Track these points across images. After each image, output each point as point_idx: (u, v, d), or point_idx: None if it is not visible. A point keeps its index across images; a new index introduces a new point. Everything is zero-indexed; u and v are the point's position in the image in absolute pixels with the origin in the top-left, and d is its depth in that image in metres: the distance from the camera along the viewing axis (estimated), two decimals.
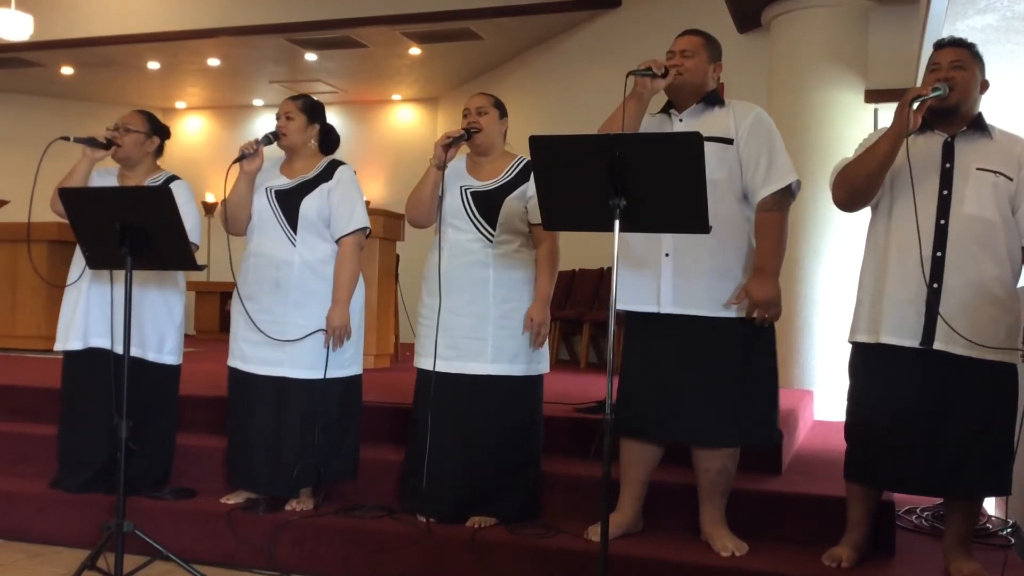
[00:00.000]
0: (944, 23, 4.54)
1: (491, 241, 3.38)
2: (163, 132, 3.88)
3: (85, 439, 3.71)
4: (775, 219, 3.05)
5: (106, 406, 3.47)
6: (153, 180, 3.78)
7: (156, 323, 3.70)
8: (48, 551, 3.55)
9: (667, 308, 3.05)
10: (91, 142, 3.63)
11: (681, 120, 3.14)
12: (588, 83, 8.84)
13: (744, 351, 3.05)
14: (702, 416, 3.04)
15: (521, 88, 9.98)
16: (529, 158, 3.39)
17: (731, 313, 3.03)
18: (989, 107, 3.05)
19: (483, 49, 9.88)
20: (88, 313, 3.66)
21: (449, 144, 3.32)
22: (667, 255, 3.05)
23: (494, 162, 3.48)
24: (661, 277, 3.05)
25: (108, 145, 3.68)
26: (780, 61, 6.40)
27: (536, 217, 3.36)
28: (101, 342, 3.64)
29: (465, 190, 3.42)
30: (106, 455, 3.62)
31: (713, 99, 3.14)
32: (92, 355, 3.66)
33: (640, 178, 2.55)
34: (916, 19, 5.55)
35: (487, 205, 3.39)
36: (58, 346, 3.73)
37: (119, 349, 3.54)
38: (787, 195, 3.08)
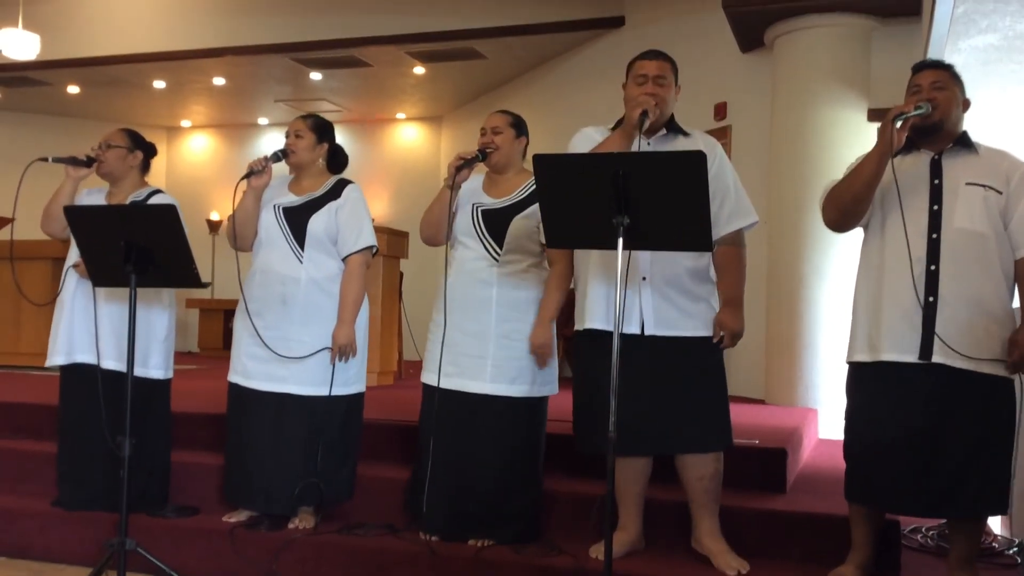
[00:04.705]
0: (946, 42, 4.56)
1: (496, 260, 3.38)
2: (147, 148, 3.87)
3: (80, 456, 3.71)
4: (738, 253, 3.22)
5: (96, 422, 3.47)
6: (136, 195, 3.78)
7: (138, 338, 3.68)
8: (51, 569, 3.55)
9: (650, 330, 3.09)
10: (72, 161, 3.65)
11: (649, 144, 3.15)
12: (592, 102, 8.85)
13: (712, 365, 3.16)
14: (691, 426, 3.10)
15: (525, 107, 9.94)
16: None
17: (703, 332, 3.13)
18: (991, 126, 3.06)
19: (487, 68, 9.92)
20: (72, 328, 3.67)
21: (461, 166, 3.32)
22: (644, 278, 3.09)
23: (509, 180, 3.47)
24: (641, 300, 3.09)
25: (90, 163, 3.69)
26: (783, 80, 6.42)
27: None
28: (86, 357, 3.65)
29: (476, 208, 3.42)
30: (101, 472, 3.63)
31: (676, 127, 3.20)
32: (81, 371, 3.66)
33: (643, 196, 2.56)
34: (919, 38, 5.57)
35: (496, 223, 3.39)
36: (47, 362, 3.74)
37: (105, 364, 3.59)
38: (742, 230, 3.23)
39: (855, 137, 6.09)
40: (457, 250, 3.43)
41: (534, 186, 3.41)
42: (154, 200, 3.74)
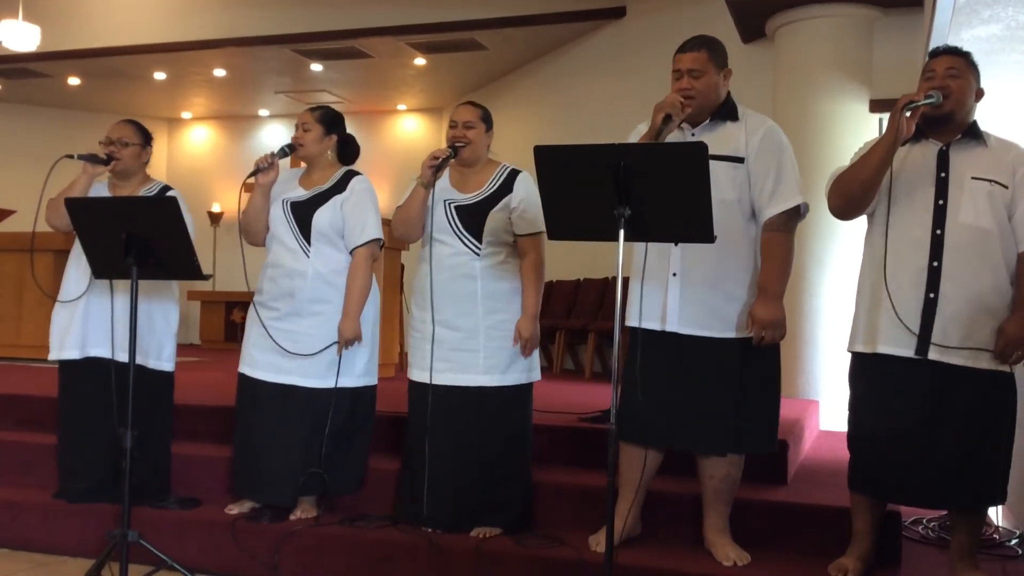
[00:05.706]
0: (949, 32, 4.54)
1: (477, 254, 3.39)
2: (151, 140, 3.90)
3: (86, 449, 3.71)
4: (780, 239, 3.04)
5: (107, 415, 3.48)
6: (148, 190, 3.80)
7: (154, 331, 3.71)
8: (53, 561, 3.55)
9: (672, 327, 3.05)
10: (92, 159, 3.66)
11: (694, 135, 3.10)
12: (593, 93, 8.86)
13: (744, 365, 3.06)
14: (702, 425, 3.06)
15: (526, 98, 10.00)
16: (512, 166, 3.44)
17: (731, 334, 3.05)
18: (993, 117, 3.04)
19: (488, 59, 9.91)
20: (87, 323, 3.68)
21: (437, 166, 3.32)
22: (674, 274, 3.05)
23: (478, 174, 3.48)
24: (668, 296, 3.05)
25: (108, 161, 3.70)
26: (785, 71, 6.41)
27: (520, 228, 3.39)
28: (100, 351, 3.66)
29: (449, 204, 3.42)
30: (108, 464, 3.64)
31: (727, 112, 3.11)
32: (91, 364, 3.67)
33: (645, 187, 2.56)
34: (920, 28, 5.55)
35: (471, 218, 3.39)
36: (53, 355, 3.74)
37: (120, 357, 3.59)
38: (794, 215, 3.06)
39: (857, 128, 6.08)
40: (434, 247, 3.43)
41: (503, 177, 3.45)
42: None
